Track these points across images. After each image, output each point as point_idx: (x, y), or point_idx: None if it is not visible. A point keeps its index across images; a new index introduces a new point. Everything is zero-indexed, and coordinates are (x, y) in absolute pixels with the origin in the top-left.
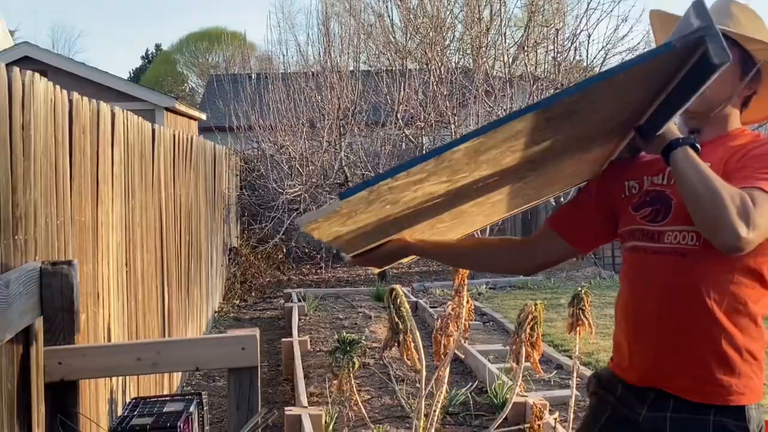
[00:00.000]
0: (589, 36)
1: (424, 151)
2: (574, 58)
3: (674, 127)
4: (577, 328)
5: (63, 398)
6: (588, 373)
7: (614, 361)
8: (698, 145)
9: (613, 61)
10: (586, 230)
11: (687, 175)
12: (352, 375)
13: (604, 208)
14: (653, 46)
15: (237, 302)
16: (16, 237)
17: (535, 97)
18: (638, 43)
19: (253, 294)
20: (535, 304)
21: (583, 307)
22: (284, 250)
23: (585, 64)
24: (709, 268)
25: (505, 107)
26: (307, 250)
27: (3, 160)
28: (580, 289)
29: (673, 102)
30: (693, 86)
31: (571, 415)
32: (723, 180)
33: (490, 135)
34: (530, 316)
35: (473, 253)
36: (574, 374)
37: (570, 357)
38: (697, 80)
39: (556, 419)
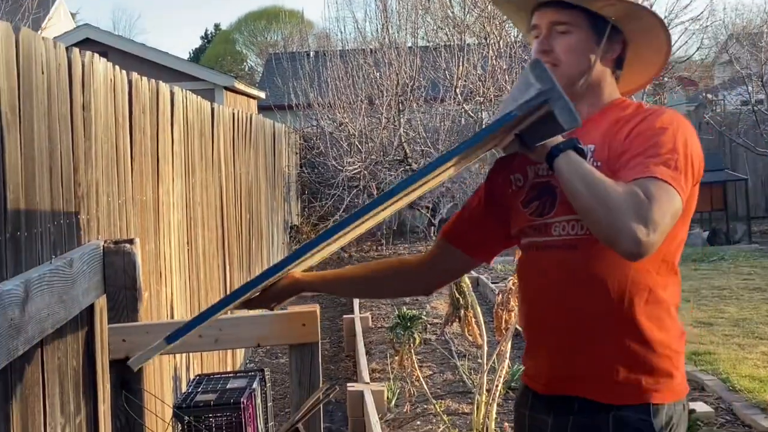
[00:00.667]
0: (651, 6)
1: (483, 126)
2: None
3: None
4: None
5: (128, 375)
6: None
7: (524, 371)
8: (582, 146)
9: (676, 32)
10: (482, 238)
11: (573, 185)
12: (413, 351)
13: (495, 209)
14: (716, 16)
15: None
16: (78, 216)
17: None
18: (701, 13)
19: (313, 269)
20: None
21: None
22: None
23: None
24: (603, 259)
25: None
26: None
27: (65, 140)
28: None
29: (541, 132)
30: (551, 131)
31: None
32: (612, 174)
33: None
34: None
35: (368, 280)
36: None
37: None
38: (549, 131)
39: None
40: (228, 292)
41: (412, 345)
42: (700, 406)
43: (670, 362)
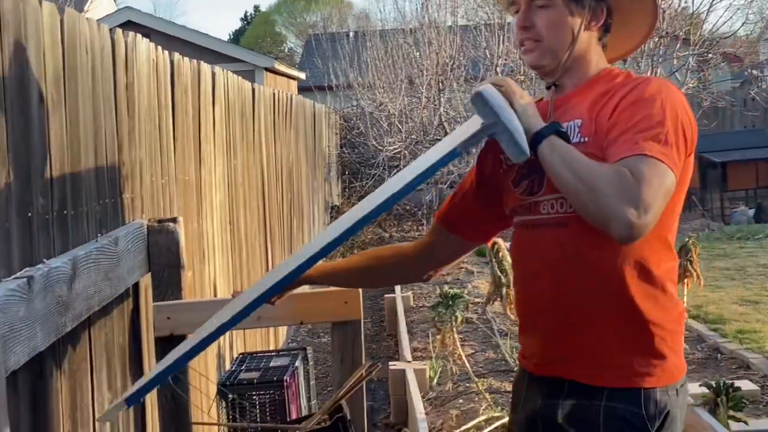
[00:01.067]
0: None
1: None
2: (679, 5)
3: (534, 115)
4: (685, 280)
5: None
6: (697, 326)
7: (520, 350)
8: (563, 129)
9: (720, 6)
10: (476, 220)
11: (557, 170)
12: (455, 329)
13: (487, 190)
14: None
15: (339, 257)
16: (123, 195)
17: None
18: None
19: (355, 251)
20: None
21: (691, 259)
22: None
23: (691, 11)
24: (594, 236)
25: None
26: (408, 207)
27: (109, 120)
28: (687, 239)
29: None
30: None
31: None
32: (600, 149)
33: None
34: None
35: (365, 270)
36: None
37: None
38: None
39: None
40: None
41: (454, 323)
42: (746, 384)
43: (664, 343)
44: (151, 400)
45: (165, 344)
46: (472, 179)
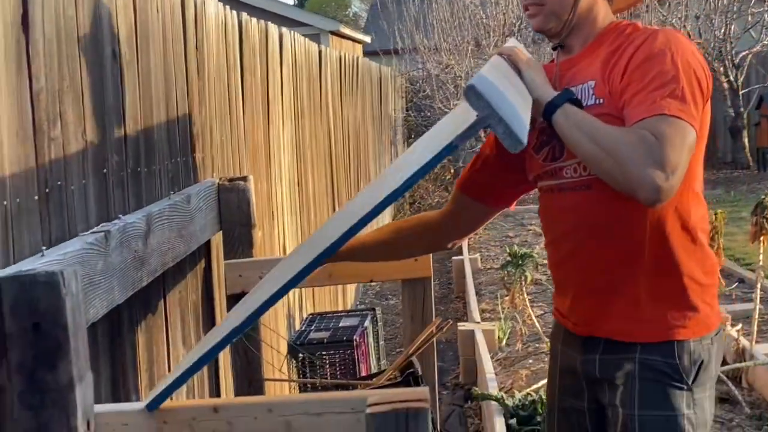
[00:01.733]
0: None
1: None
2: None
3: (544, 84)
4: (761, 238)
5: None
6: None
7: (555, 307)
8: (575, 96)
9: None
10: (498, 186)
11: (576, 140)
12: (524, 289)
13: (508, 155)
14: None
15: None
16: (194, 154)
17: (711, 3)
18: None
19: (418, 211)
20: (715, 214)
21: None
22: (452, 170)
23: None
24: (620, 195)
25: (679, 15)
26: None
27: (179, 80)
28: (764, 197)
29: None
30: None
31: (755, 328)
32: (616, 110)
33: None
34: (710, 227)
35: (394, 243)
36: (758, 286)
37: (752, 270)
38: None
39: (738, 332)
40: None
41: (523, 283)
42: None
43: (696, 295)
44: (224, 358)
45: (236, 302)
46: (491, 146)
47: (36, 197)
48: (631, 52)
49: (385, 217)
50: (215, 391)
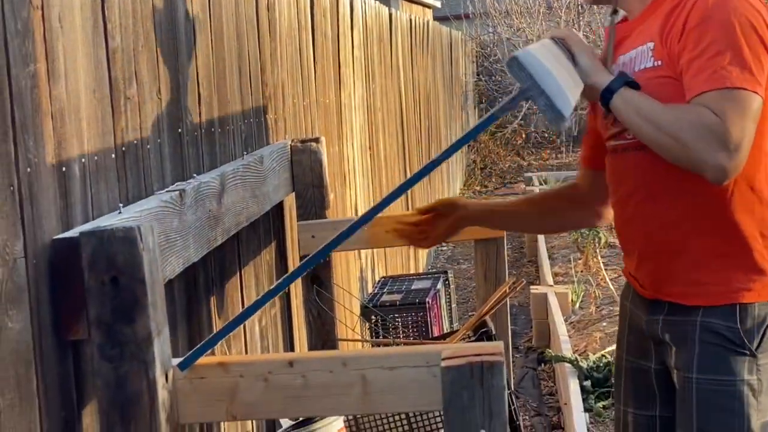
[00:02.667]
0: None
1: None
2: None
3: (599, 70)
4: None
5: (317, 271)
6: None
7: (624, 266)
8: (631, 78)
9: None
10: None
11: (636, 126)
12: (598, 252)
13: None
14: None
15: (477, 188)
16: (266, 115)
17: None
18: None
19: (493, 179)
20: None
21: None
22: (523, 135)
23: None
24: None
25: None
26: (546, 135)
27: (251, 41)
28: None
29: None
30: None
31: None
32: (674, 75)
33: None
34: None
35: (543, 214)
36: None
37: None
38: None
39: None
40: (409, 199)
41: (597, 245)
42: None
43: (762, 256)
44: (298, 317)
45: None
46: (592, 116)
47: (113, 155)
48: (687, 12)
49: (457, 183)
50: (289, 350)
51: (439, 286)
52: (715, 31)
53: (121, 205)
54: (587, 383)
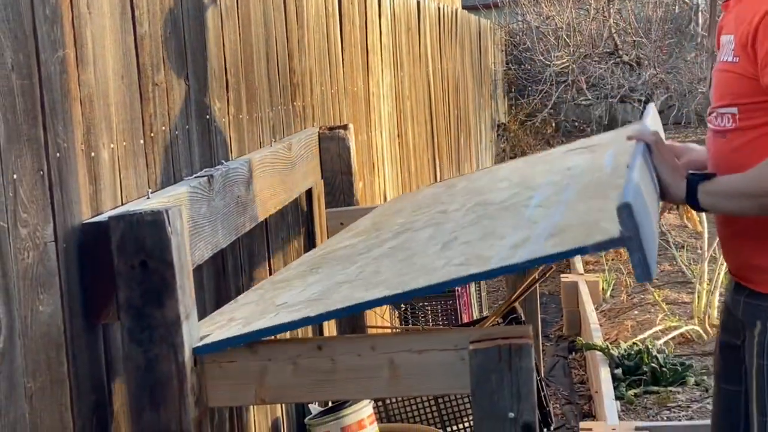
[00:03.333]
0: None
1: (699, 14)
2: None
3: (676, 180)
4: None
5: None
6: None
7: None
8: (701, 176)
9: None
10: None
11: (735, 208)
12: None
13: None
14: None
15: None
16: (294, 103)
17: None
18: None
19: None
20: None
21: None
22: (553, 124)
23: None
24: (754, 149)
25: None
26: (576, 124)
27: (279, 28)
28: None
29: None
30: None
31: None
32: (753, 70)
33: None
34: None
35: None
36: None
37: None
38: None
39: None
40: (438, 176)
41: None
42: None
43: None
44: None
45: None
46: None
47: (141, 141)
48: (761, 13)
49: (486, 161)
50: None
51: None
52: None
53: (149, 190)
54: (618, 371)
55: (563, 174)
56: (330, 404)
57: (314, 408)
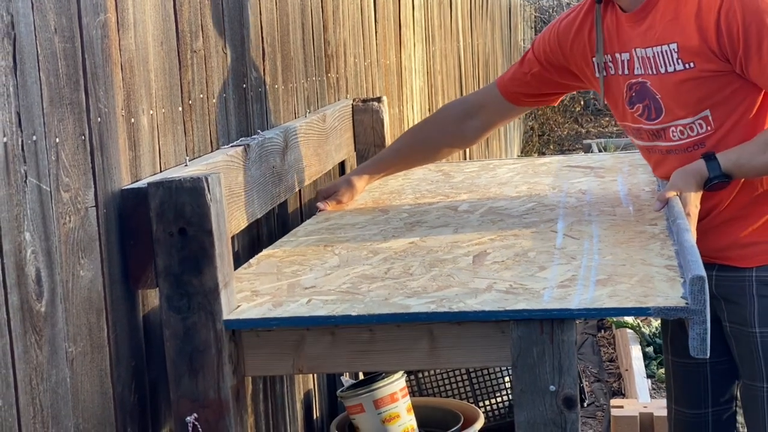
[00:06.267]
0: None
1: None
2: None
3: (694, 204)
4: None
5: None
6: None
7: None
8: (712, 162)
9: None
10: (546, 93)
11: (758, 168)
12: None
13: (570, 79)
14: None
15: (535, 155)
16: (328, 74)
17: None
18: None
19: (551, 147)
20: None
21: None
22: (582, 103)
23: None
24: (732, 142)
25: None
26: (606, 102)
27: None
28: None
29: None
30: None
31: None
32: (709, 72)
33: None
34: None
35: (417, 143)
36: None
37: None
38: None
39: None
40: (467, 156)
41: None
42: None
43: None
44: None
45: None
46: (543, 65)
47: (180, 108)
48: (730, 17)
49: (515, 148)
50: None
51: None
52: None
53: (187, 158)
54: (649, 349)
55: (578, 198)
56: (362, 377)
57: (346, 381)
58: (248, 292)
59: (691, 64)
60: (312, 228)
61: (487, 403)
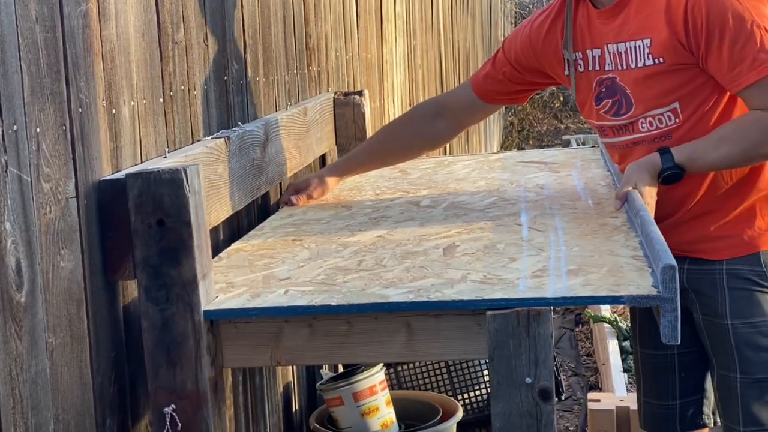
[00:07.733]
0: None
1: None
2: None
3: (652, 194)
4: None
5: None
6: None
7: None
8: (668, 154)
9: None
10: (514, 90)
11: (709, 163)
12: None
13: (541, 77)
14: None
15: (515, 150)
16: (310, 68)
17: None
18: None
19: (530, 142)
20: None
21: None
22: (561, 99)
23: None
24: (700, 133)
25: None
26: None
27: None
28: None
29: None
30: None
31: None
32: (679, 66)
33: None
34: None
35: (388, 142)
36: None
37: None
38: None
39: None
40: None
41: None
42: None
43: None
44: None
45: None
46: (512, 64)
47: (161, 100)
48: (695, 14)
49: (494, 143)
50: None
51: None
52: (731, 21)
53: (167, 149)
54: (626, 344)
55: (537, 192)
56: (341, 370)
57: (325, 374)
58: (223, 284)
59: (661, 59)
60: (277, 224)
61: (465, 396)
